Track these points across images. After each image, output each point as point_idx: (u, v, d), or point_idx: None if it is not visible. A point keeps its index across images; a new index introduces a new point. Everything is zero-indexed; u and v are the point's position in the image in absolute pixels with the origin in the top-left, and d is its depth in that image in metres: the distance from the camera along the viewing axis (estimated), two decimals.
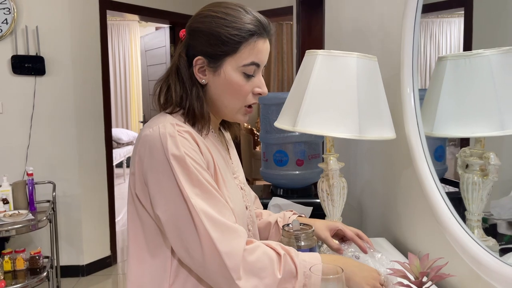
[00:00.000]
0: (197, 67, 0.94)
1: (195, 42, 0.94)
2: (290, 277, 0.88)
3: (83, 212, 3.47)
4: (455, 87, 1.23)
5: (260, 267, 0.85)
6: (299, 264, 0.88)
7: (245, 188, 1.11)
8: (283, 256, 0.88)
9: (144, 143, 0.89)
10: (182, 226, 0.86)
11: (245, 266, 0.84)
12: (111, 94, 7.36)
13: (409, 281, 0.92)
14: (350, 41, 2.05)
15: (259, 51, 0.94)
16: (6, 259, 2.57)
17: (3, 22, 3.12)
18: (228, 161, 1.05)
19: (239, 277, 0.83)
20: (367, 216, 1.88)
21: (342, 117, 1.22)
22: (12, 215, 2.59)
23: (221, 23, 0.91)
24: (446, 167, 1.37)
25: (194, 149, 0.90)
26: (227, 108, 0.97)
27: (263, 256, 0.87)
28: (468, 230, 1.09)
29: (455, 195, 1.20)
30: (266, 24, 0.95)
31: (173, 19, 4.23)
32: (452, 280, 1.16)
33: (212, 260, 0.84)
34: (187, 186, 0.85)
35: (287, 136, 1.87)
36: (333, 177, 1.34)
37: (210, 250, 0.84)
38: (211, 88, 0.96)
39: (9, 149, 3.25)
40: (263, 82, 0.98)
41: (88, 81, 3.48)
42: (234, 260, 0.83)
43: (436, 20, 1.35)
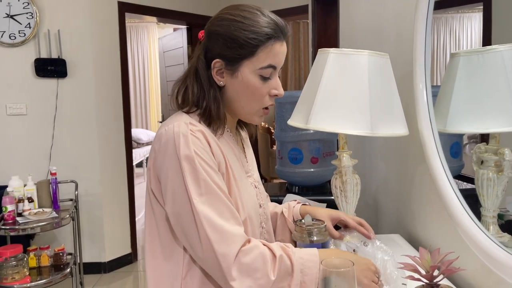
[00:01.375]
0: (215, 69, 0.97)
1: (213, 45, 0.96)
2: (286, 276, 0.89)
3: (105, 211, 3.56)
4: (468, 83, 1.23)
5: (253, 268, 0.88)
6: (295, 262, 0.90)
7: (259, 186, 1.13)
8: (278, 257, 0.90)
9: (159, 140, 0.93)
10: (185, 224, 0.90)
11: (239, 267, 0.87)
12: (130, 95, 7.49)
13: (420, 274, 0.93)
14: (364, 38, 2.06)
15: (276, 54, 0.96)
16: (31, 256, 2.66)
17: (26, 26, 3.22)
18: (242, 160, 1.08)
19: (233, 278, 0.87)
20: (382, 212, 1.89)
21: (354, 114, 1.24)
22: (37, 213, 2.68)
23: (239, 26, 0.93)
24: (462, 164, 1.37)
25: (205, 149, 0.92)
26: (243, 109, 1.00)
27: (258, 257, 0.89)
28: (480, 225, 1.10)
29: (472, 192, 1.20)
30: (283, 27, 0.97)
31: (190, 20, 4.29)
32: (464, 274, 1.16)
33: (209, 259, 0.88)
34: (193, 185, 0.88)
35: (302, 134, 1.89)
36: (346, 174, 1.36)
37: (208, 250, 0.88)
38: (228, 90, 0.98)
39: (33, 150, 3.36)
40: (279, 84, 1.00)
41: (108, 82, 3.56)
42: (227, 262, 0.87)
43: (456, 15, 1.35)
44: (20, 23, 3.21)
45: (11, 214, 2.57)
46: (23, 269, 2.49)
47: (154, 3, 3.89)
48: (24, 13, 3.20)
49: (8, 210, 2.55)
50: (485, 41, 1.19)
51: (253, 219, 1.02)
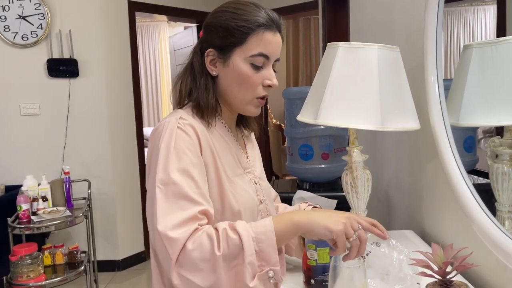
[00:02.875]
0: (209, 58, 0.98)
1: (207, 36, 0.99)
2: (237, 250, 0.81)
3: (118, 209, 3.59)
4: (481, 75, 1.20)
5: (200, 252, 0.82)
6: (243, 232, 0.82)
7: (261, 183, 1.11)
8: (221, 231, 0.83)
9: (153, 136, 0.95)
10: (149, 208, 0.90)
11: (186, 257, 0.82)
12: (142, 94, 7.54)
13: (432, 271, 0.91)
14: (375, 32, 2.03)
15: (268, 43, 0.96)
16: (46, 254, 2.69)
17: (38, 27, 3.26)
18: (240, 156, 1.06)
19: (182, 270, 0.82)
20: (394, 208, 1.86)
21: (364, 109, 1.22)
22: (51, 211, 2.71)
23: (230, 16, 0.96)
24: (477, 158, 1.34)
25: (191, 142, 0.92)
26: (236, 98, 1.00)
27: (203, 240, 0.83)
28: (495, 220, 1.07)
29: (487, 187, 1.18)
30: (275, 18, 0.98)
31: (200, 18, 4.29)
32: (478, 270, 1.14)
33: (160, 245, 0.84)
34: (162, 173, 0.88)
35: (312, 130, 1.87)
36: (357, 169, 1.34)
37: (158, 236, 0.84)
38: (221, 79, 0.99)
39: (46, 149, 3.40)
40: (273, 74, 0.99)
41: (119, 81, 3.59)
42: (174, 250, 0.82)
43: (470, 8, 1.32)
44: (32, 24, 3.24)
45: (26, 213, 2.60)
46: (38, 267, 2.53)
47: (164, 1, 3.90)
48: (36, 14, 3.24)
49: (23, 209, 2.58)
50: (500, 33, 1.17)
51: (249, 214, 1.00)
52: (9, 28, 3.22)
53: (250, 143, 1.16)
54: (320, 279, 1.03)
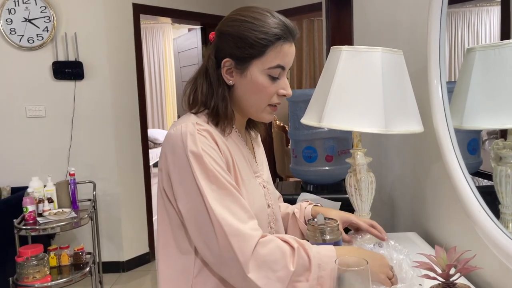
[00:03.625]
0: (225, 68, 0.99)
1: (224, 44, 0.98)
2: (304, 270, 0.89)
3: (122, 210, 3.61)
4: (484, 78, 1.21)
5: (272, 260, 0.88)
6: (313, 257, 0.90)
7: (269, 186, 1.13)
8: (296, 249, 0.90)
9: (168, 140, 0.95)
10: (200, 220, 0.90)
11: (257, 259, 0.87)
12: (147, 96, 7.57)
13: (436, 273, 0.92)
14: (378, 35, 2.04)
15: (285, 55, 0.98)
16: (51, 255, 2.71)
17: (44, 30, 3.28)
18: (251, 160, 1.08)
19: (250, 270, 0.86)
20: (398, 210, 1.87)
21: (367, 112, 1.23)
22: (57, 213, 2.73)
23: (249, 27, 0.95)
24: (480, 161, 1.35)
25: (213, 147, 0.94)
26: (252, 107, 1.02)
27: (276, 250, 0.89)
28: (498, 223, 1.08)
29: (490, 189, 1.18)
30: (292, 28, 0.99)
31: (204, 20, 4.31)
32: (482, 273, 1.14)
33: (226, 253, 0.88)
34: (204, 182, 0.90)
35: (316, 132, 1.88)
36: (361, 172, 1.35)
37: (225, 245, 0.87)
38: (237, 89, 1.00)
39: (52, 151, 3.43)
40: (287, 84, 1.02)
41: (124, 83, 3.61)
42: (245, 256, 0.86)
43: (474, 9, 1.32)
44: (38, 27, 3.27)
45: (32, 214, 2.62)
46: (44, 268, 2.54)
47: (169, 4, 3.92)
48: (42, 17, 3.27)
49: (29, 211, 2.60)
50: (504, 35, 1.17)
51: (260, 218, 1.02)
52: (15, 31, 3.25)
53: (258, 147, 1.17)
54: None
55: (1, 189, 3.14)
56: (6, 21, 3.23)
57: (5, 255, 2.76)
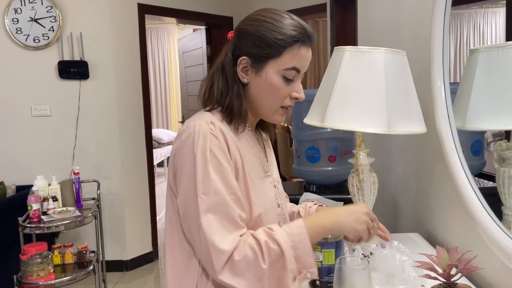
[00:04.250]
0: (241, 66, 1.00)
1: (242, 43, 1.00)
2: (278, 259, 0.89)
3: (126, 209, 3.62)
4: (487, 79, 1.21)
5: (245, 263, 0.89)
6: (283, 243, 0.90)
7: (279, 186, 1.14)
8: (264, 243, 0.90)
9: (180, 137, 0.97)
10: (189, 216, 0.93)
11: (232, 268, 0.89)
12: (151, 96, 7.58)
13: (437, 273, 0.92)
14: (382, 36, 2.04)
15: (301, 58, 0.99)
16: (55, 253, 2.72)
17: (49, 30, 3.31)
18: (262, 159, 1.09)
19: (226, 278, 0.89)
20: (401, 211, 1.87)
21: (370, 112, 1.23)
22: (61, 211, 2.75)
23: (268, 27, 0.97)
24: (484, 162, 1.34)
25: (222, 149, 0.94)
26: (264, 107, 1.03)
27: (248, 252, 0.89)
28: (500, 224, 1.08)
29: (494, 190, 1.18)
30: (310, 33, 1.00)
31: (209, 20, 4.33)
32: (483, 274, 1.14)
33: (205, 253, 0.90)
34: (201, 183, 0.91)
35: (319, 132, 1.89)
36: (363, 172, 1.35)
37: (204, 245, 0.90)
38: (251, 88, 1.01)
39: (57, 150, 3.45)
40: (301, 88, 1.03)
41: (129, 83, 3.63)
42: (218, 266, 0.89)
43: (480, 10, 1.32)
44: (44, 27, 3.29)
45: (36, 212, 2.64)
46: (48, 266, 2.56)
47: (174, 4, 3.94)
48: (48, 17, 3.29)
49: (33, 209, 2.63)
50: (509, 36, 1.17)
51: (270, 217, 1.03)
52: (21, 30, 3.28)
53: (268, 147, 1.18)
54: (325, 280, 1.05)
55: (7, 188, 3.17)
56: (12, 20, 3.26)
57: (9, 253, 2.78)
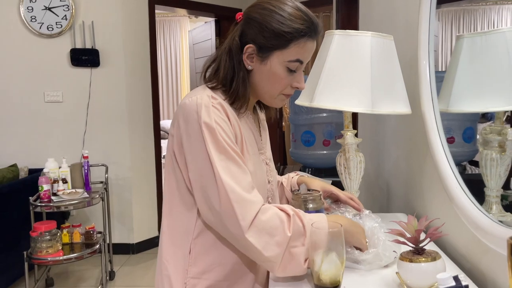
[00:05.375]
0: (247, 53, 1.04)
1: (250, 30, 1.02)
2: (299, 235, 0.96)
3: (134, 195, 3.73)
4: (470, 64, 1.26)
5: (271, 226, 0.94)
6: (306, 223, 0.97)
7: (270, 164, 1.21)
8: (292, 216, 0.97)
9: (183, 110, 1.01)
10: (206, 185, 0.97)
11: (257, 225, 0.94)
12: (163, 87, 7.68)
13: (405, 238, 0.98)
14: (380, 24, 2.09)
15: (306, 50, 1.03)
16: (64, 232, 2.84)
17: (62, 18, 3.41)
18: (257, 137, 1.16)
19: (250, 235, 0.93)
20: (393, 195, 1.92)
21: (355, 92, 1.29)
22: (70, 193, 2.86)
23: (277, 18, 0.99)
24: (476, 149, 1.38)
25: (225, 120, 1.00)
26: (266, 94, 1.08)
27: (275, 216, 0.96)
28: (473, 198, 1.14)
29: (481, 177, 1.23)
30: (318, 26, 1.04)
31: (219, 12, 4.39)
32: (455, 244, 1.20)
33: (229, 219, 0.95)
34: (214, 151, 0.96)
35: (315, 117, 1.95)
36: (349, 151, 1.41)
37: (228, 210, 0.94)
38: (255, 74, 1.05)
39: (68, 134, 3.57)
40: (302, 78, 1.08)
41: (138, 71, 3.72)
42: (246, 220, 0.93)
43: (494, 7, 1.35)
44: (57, 15, 3.40)
45: (47, 193, 2.75)
46: (57, 244, 2.68)
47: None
48: (61, 6, 3.40)
49: (44, 189, 2.74)
50: None
51: (260, 192, 1.10)
52: (36, 18, 3.39)
53: (263, 128, 1.25)
54: None
55: (19, 170, 3.29)
56: (27, 8, 3.37)
57: (21, 231, 2.91)
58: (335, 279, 0.94)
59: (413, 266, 0.94)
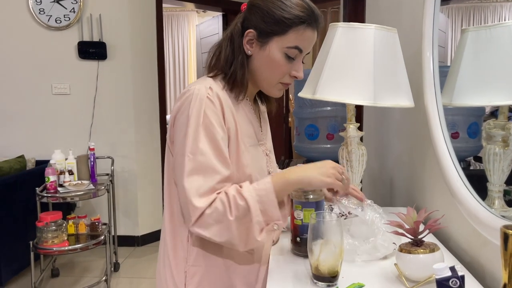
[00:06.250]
0: (247, 38, 1.06)
1: (251, 16, 1.05)
2: (245, 213, 0.97)
3: (139, 188, 3.75)
4: (475, 57, 1.25)
5: (216, 216, 0.97)
6: (249, 197, 0.97)
7: (270, 155, 1.22)
8: (231, 197, 0.97)
9: (181, 99, 1.04)
10: (177, 172, 1.02)
11: (204, 219, 0.97)
12: (170, 81, 7.69)
13: (404, 229, 0.98)
14: (387, 16, 2.08)
15: (305, 39, 1.04)
16: (70, 223, 2.87)
17: (71, 11, 3.43)
18: (257, 129, 1.17)
19: (197, 228, 0.98)
20: (395, 189, 1.92)
21: (357, 85, 1.29)
22: (76, 184, 2.89)
23: (278, 5, 1.02)
24: (480, 145, 1.38)
25: (217, 112, 1.02)
26: (264, 81, 1.09)
27: (218, 205, 0.97)
28: (474, 192, 1.14)
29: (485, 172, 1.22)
30: (317, 16, 1.05)
31: (226, 6, 4.39)
32: (455, 236, 1.20)
33: (184, 207, 1.00)
34: (191, 143, 0.98)
35: (319, 110, 1.95)
36: (351, 144, 1.41)
37: (184, 199, 0.99)
38: (254, 60, 1.07)
39: (75, 126, 3.59)
40: (301, 67, 1.09)
41: (145, 65, 3.73)
42: (195, 214, 0.97)
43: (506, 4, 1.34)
44: (65, 8, 3.42)
45: (53, 184, 2.78)
46: (62, 234, 2.71)
47: None
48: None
49: (50, 180, 2.77)
50: None
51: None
52: (44, 11, 3.41)
53: (264, 120, 1.26)
54: (305, 237, 1.11)
55: (27, 161, 3.33)
56: (36, 1, 3.40)
57: (28, 221, 2.94)
58: (334, 269, 0.94)
59: (411, 257, 0.94)
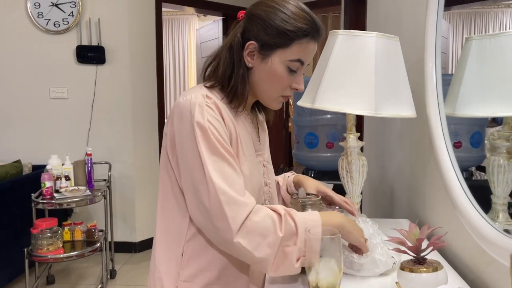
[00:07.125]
0: (248, 50, 1.02)
1: (252, 27, 1.01)
2: (292, 235, 0.94)
3: (137, 193, 3.72)
4: (478, 67, 1.22)
5: (262, 227, 0.92)
6: (298, 222, 0.94)
7: (268, 166, 1.18)
8: (283, 216, 0.94)
9: (177, 108, 0.99)
10: (197, 187, 0.95)
11: (248, 226, 0.92)
12: (170, 86, 7.68)
13: (406, 247, 0.95)
14: (387, 25, 2.05)
15: (307, 51, 1.02)
16: (66, 230, 2.83)
17: (69, 15, 3.41)
18: (254, 139, 1.13)
19: (239, 236, 0.91)
20: (396, 200, 1.88)
21: (358, 94, 1.26)
22: (72, 190, 2.85)
23: (281, 16, 0.98)
24: (483, 155, 1.35)
25: (219, 120, 0.98)
26: (264, 93, 1.06)
27: (266, 217, 0.93)
28: (477, 206, 1.10)
29: (487, 183, 1.19)
30: (320, 29, 1.03)
31: (226, 11, 4.37)
32: (458, 253, 1.16)
33: (219, 221, 0.92)
34: (206, 152, 0.94)
35: (318, 118, 1.92)
36: (352, 154, 1.38)
37: (217, 213, 0.92)
38: (255, 72, 1.03)
39: (72, 131, 3.56)
40: (302, 80, 1.06)
41: (144, 69, 3.71)
42: (236, 222, 0.91)
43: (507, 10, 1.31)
44: (64, 12, 3.40)
45: (49, 190, 2.75)
46: (57, 241, 2.67)
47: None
48: (68, 2, 3.39)
49: (46, 186, 2.73)
50: None
51: (256, 195, 1.06)
52: (42, 14, 3.39)
53: (262, 130, 1.22)
54: None
55: (23, 166, 3.29)
56: (34, 4, 3.37)
57: (23, 227, 2.90)
58: (333, 287, 0.91)
59: (413, 276, 0.90)
